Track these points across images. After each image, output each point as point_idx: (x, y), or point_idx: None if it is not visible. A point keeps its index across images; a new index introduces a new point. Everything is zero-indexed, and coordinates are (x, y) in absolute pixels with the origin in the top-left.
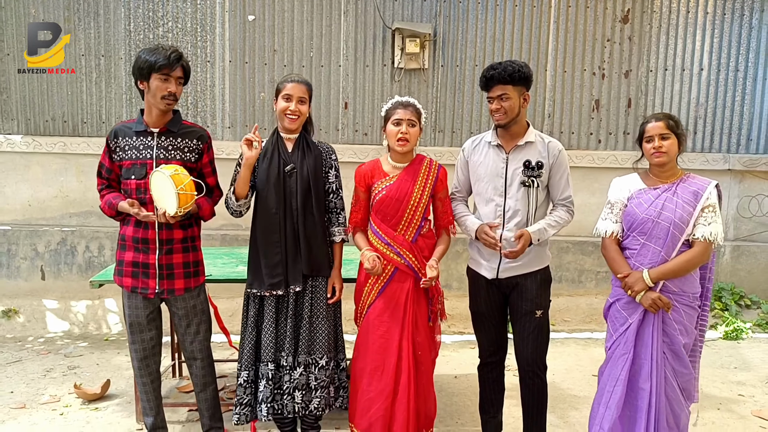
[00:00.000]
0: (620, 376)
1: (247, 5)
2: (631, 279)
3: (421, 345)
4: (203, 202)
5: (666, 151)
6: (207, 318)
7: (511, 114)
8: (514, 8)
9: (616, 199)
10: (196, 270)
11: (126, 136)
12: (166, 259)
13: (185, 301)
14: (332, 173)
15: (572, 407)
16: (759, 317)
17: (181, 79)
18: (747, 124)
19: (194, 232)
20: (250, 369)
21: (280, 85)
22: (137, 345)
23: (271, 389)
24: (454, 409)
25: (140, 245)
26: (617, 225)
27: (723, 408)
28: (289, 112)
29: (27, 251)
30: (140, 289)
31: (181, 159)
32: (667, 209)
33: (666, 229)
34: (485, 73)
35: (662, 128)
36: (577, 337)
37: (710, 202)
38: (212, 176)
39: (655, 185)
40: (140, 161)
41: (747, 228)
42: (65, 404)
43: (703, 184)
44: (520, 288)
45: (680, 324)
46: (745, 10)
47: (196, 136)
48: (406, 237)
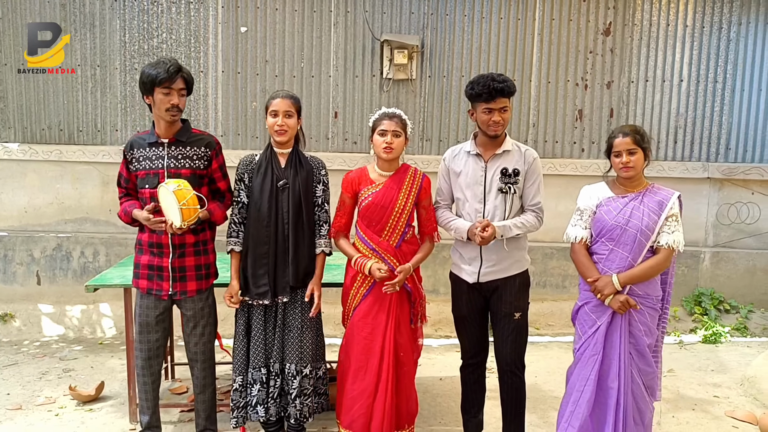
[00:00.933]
0: (590, 376)
1: (239, 17)
2: (601, 283)
3: (403, 346)
4: (215, 208)
5: (633, 165)
6: (213, 321)
7: (506, 125)
8: (499, 21)
9: (586, 206)
10: (207, 272)
11: (140, 148)
12: (178, 262)
13: (195, 302)
14: (320, 188)
15: (552, 408)
16: (738, 321)
17: (183, 90)
18: (726, 134)
19: (206, 236)
20: (243, 374)
21: (268, 102)
22: (143, 345)
23: (266, 392)
24: (438, 409)
25: (155, 249)
26: (586, 231)
27: (698, 408)
28: (277, 127)
29: (23, 257)
30: (155, 290)
31: (191, 167)
32: (635, 217)
33: (633, 236)
34: (491, 85)
35: (629, 144)
36: (561, 340)
37: (674, 212)
38: (223, 180)
39: (622, 194)
40: (153, 171)
41: (726, 235)
42: (60, 405)
43: (667, 195)
44: (499, 291)
45: (645, 325)
46: (723, 23)
47: (204, 143)
48: (391, 242)
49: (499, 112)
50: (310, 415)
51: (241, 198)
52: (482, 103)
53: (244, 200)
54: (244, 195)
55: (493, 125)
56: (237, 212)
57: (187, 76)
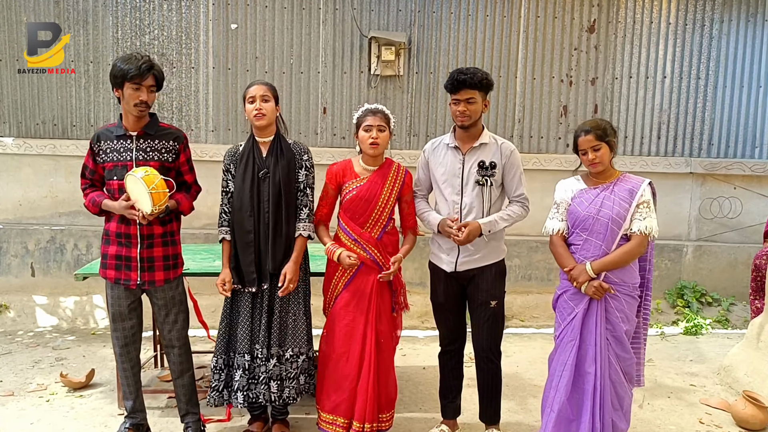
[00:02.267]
0: (568, 360)
1: (230, 14)
2: (576, 271)
3: (383, 333)
4: (182, 198)
5: (600, 161)
6: (185, 308)
7: (474, 117)
8: (485, 18)
9: (561, 200)
10: (175, 263)
11: (107, 140)
12: (147, 253)
13: (164, 291)
14: (302, 173)
15: (531, 395)
16: (719, 314)
17: (153, 87)
18: (708, 130)
19: (173, 227)
20: (220, 356)
21: (245, 92)
22: (119, 333)
23: (247, 379)
24: (419, 396)
25: (123, 240)
26: (563, 223)
27: (673, 396)
28: (255, 111)
29: (18, 249)
30: (123, 280)
31: (159, 159)
32: (606, 206)
33: (605, 225)
34: (456, 76)
35: (592, 141)
36: (545, 332)
37: (644, 199)
38: (190, 173)
39: (594, 185)
40: (121, 163)
41: (708, 229)
42: (51, 392)
43: (637, 183)
44: (476, 280)
45: (621, 312)
46: (705, 21)
47: (172, 137)
48: (373, 234)
49: (464, 103)
50: (297, 396)
51: (230, 188)
52: (451, 95)
53: (231, 189)
54: (231, 184)
55: (459, 115)
56: (226, 202)
57: (158, 73)
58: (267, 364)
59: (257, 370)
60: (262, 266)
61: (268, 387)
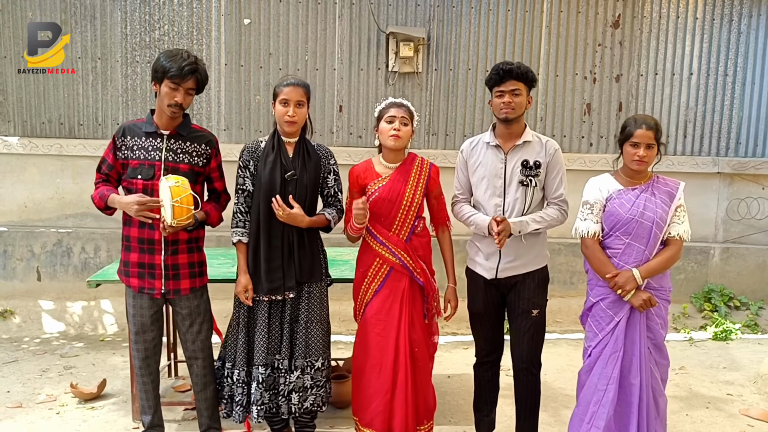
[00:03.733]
0: (613, 374)
1: (242, 9)
2: (621, 278)
3: (417, 342)
4: (212, 209)
5: (648, 160)
6: (209, 318)
7: (519, 111)
8: (507, 13)
9: (596, 200)
10: (201, 270)
11: (135, 136)
12: (171, 260)
13: (189, 300)
14: (331, 177)
15: (563, 406)
16: (748, 318)
17: (192, 90)
18: (736, 128)
19: (199, 233)
20: (242, 368)
21: (277, 88)
22: (140, 345)
23: (261, 392)
24: (447, 408)
25: (146, 246)
26: (598, 225)
27: (712, 407)
28: (288, 118)
29: (23, 252)
30: (147, 289)
31: (189, 163)
32: (649, 209)
33: (649, 229)
34: (502, 66)
35: (650, 138)
36: (569, 337)
37: (681, 202)
38: (220, 180)
39: (631, 186)
40: (148, 162)
41: (736, 230)
42: (61, 403)
43: (675, 185)
44: (518, 287)
45: (661, 318)
46: (734, 16)
47: (204, 141)
48: (401, 236)
49: (509, 95)
50: (323, 405)
51: (247, 186)
52: (495, 87)
53: (250, 188)
54: (250, 183)
55: (504, 107)
56: (242, 201)
57: (201, 76)
58: (289, 376)
59: (278, 381)
60: (285, 273)
61: (289, 399)
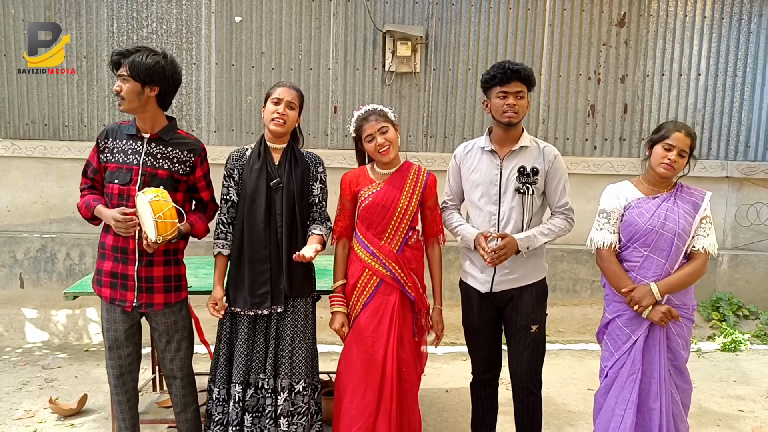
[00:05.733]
0: (631, 398)
1: (234, 6)
2: (638, 293)
3: (405, 362)
4: (196, 220)
5: (677, 168)
6: (189, 334)
7: (522, 114)
8: (507, 11)
9: (613, 208)
10: (177, 285)
11: (116, 138)
12: (145, 272)
13: (165, 316)
14: (317, 186)
15: (567, 423)
16: (758, 328)
17: (124, 77)
18: (745, 131)
19: (178, 245)
20: (222, 386)
21: (270, 90)
22: (114, 362)
23: (238, 411)
24: (445, 425)
25: (119, 255)
26: (615, 236)
27: (723, 424)
28: (276, 115)
29: (5, 258)
30: (118, 301)
31: (169, 169)
32: (670, 220)
33: (670, 241)
34: (508, 66)
35: (686, 145)
36: (572, 348)
37: (707, 213)
38: (206, 191)
39: (653, 194)
40: (126, 166)
41: (745, 236)
42: (39, 420)
43: (700, 195)
44: (515, 302)
45: (683, 338)
46: (743, 15)
47: (187, 147)
48: (392, 247)
49: (514, 96)
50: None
51: (231, 196)
52: (497, 87)
53: (234, 198)
54: (234, 192)
55: (508, 110)
56: (226, 212)
57: (133, 63)
58: (275, 397)
59: (262, 402)
60: (273, 287)
61: (278, 424)
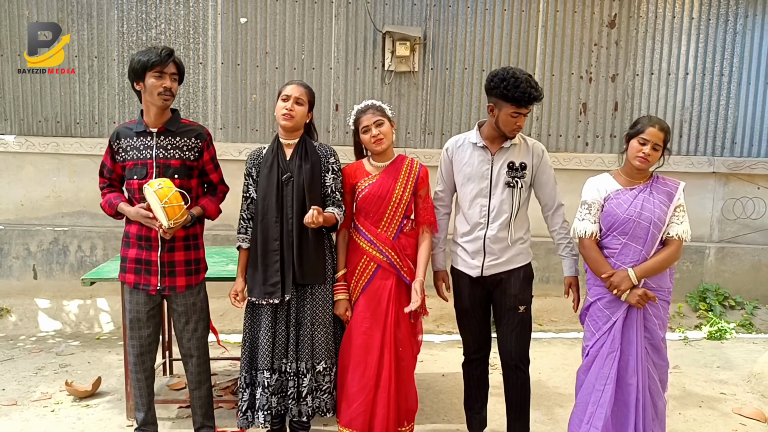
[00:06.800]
0: (610, 374)
1: (239, 8)
2: (617, 278)
3: (402, 342)
4: (207, 203)
5: (651, 161)
6: (206, 316)
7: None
8: (503, 12)
9: (593, 200)
10: (197, 267)
11: (127, 137)
12: (167, 257)
13: (185, 298)
14: (329, 176)
15: (557, 404)
16: (743, 318)
17: (175, 75)
18: (731, 128)
19: (196, 230)
20: (246, 373)
21: (281, 88)
22: (135, 341)
23: (268, 397)
24: (441, 406)
25: (143, 242)
26: (596, 225)
27: (705, 405)
28: (285, 111)
29: (19, 251)
30: (142, 285)
31: (180, 158)
32: (646, 209)
33: (646, 229)
34: (530, 93)
35: (660, 139)
36: (564, 336)
37: (681, 202)
38: (215, 173)
39: (630, 186)
40: (141, 161)
41: (731, 230)
42: (56, 401)
43: (674, 185)
44: (503, 284)
45: (659, 319)
46: (729, 16)
47: (194, 134)
48: (388, 234)
49: (524, 117)
50: (328, 411)
51: (250, 193)
52: (512, 106)
53: (254, 195)
54: (253, 190)
55: (516, 129)
56: (246, 208)
57: (178, 61)
58: (298, 379)
59: (286, 385)
60: (284, 276)
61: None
